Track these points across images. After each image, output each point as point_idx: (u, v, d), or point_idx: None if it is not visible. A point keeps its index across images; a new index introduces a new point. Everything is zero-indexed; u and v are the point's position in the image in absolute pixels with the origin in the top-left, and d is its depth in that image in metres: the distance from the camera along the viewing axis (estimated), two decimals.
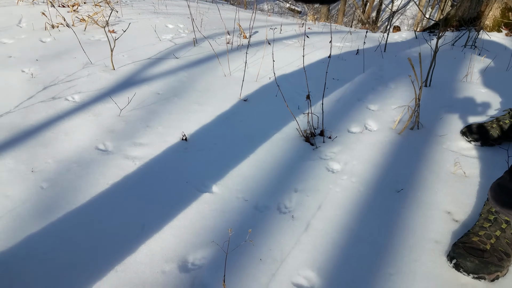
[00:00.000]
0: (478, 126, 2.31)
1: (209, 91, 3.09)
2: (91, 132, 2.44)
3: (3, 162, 2.17)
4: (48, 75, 3.20)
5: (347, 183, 2.03)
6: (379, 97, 2.96)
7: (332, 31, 5.04)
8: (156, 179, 2.09)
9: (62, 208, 1.86)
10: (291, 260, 1.62)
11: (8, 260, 1.60)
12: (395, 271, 1.57)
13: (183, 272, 1.57)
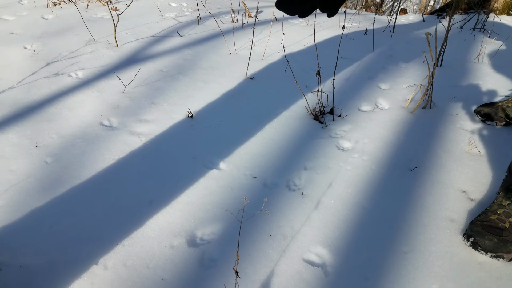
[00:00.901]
0: (493, 105, 2.25)
1: (214, 69, 3.02)
2: (96, 108, 2.39)
3: (6, 137, 2.12)
4: (51, 51, 3.13)
5: (358, 161, 1.98)
6: (389, 76, 2.88)
7: (339, 12, 4.92)
8: (163, 155, 2.04)
9: (67, 182, 1.81)
10: (301, 237, 1.58)
11: (14, 233, 1.57)
12: (409, 249, 1.53)
13: (191, 246, 1.53)
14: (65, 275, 1.40)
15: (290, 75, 2.87)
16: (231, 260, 1.48)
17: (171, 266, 1.45)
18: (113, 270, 1.42)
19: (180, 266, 1.45)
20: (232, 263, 1.47)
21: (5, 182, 1.83)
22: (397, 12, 4.51)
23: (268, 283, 1.40)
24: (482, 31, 4.17)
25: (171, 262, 1.46)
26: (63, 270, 1.42)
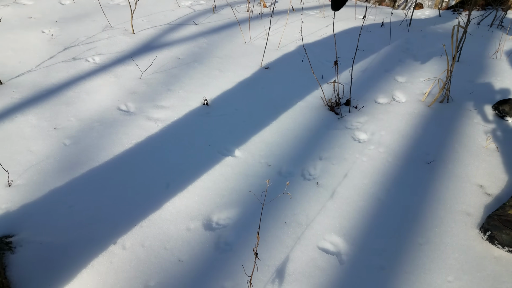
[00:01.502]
0: (511, 102, 2.22)
1: (229, 58, 3.02)
2: (113, 93, 2.41)
3: (26, 118, 2.15)
4: (68, 36, 3.16)
5: (374, 153, 1.98)
6: (406, 69, 2.86)
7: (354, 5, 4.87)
8: (179, 140, 2.06)
9: (85, 164, 1.84)
10: (316, 225, 1.59)
11: (34, 212, 1.60)
12: (425, 241, 1.53)
13: (208, 230, 1.55)
14: (84, 253, 1.43)
15: (305, 65, 2.86)
16: (246, 245, 1.49)
17: (188, 248, 1.47)
18: (131, 250, 1.44)
19: (197, 248, 1.47)
20: (247, 248, 1.48)
21: (25, 162, 1.86)
22: (414, 7, 4.46)
23: (283, 268, 1.41)
24: (500, 28, 4.10)
25: (188, 244, 1.48)
26: (82, 248, 1.44)
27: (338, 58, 2.72)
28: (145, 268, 1.38)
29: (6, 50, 2.90)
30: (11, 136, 2.03)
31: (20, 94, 2.38)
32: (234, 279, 1.37)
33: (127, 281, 1.34)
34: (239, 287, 1.34)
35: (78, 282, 1.34)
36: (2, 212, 1.61)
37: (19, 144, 1.97)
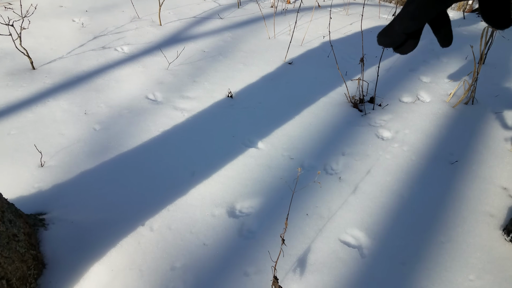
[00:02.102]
0: None
1: (253, 52, 3.05)
2: (141, 82, 2.47)
3: (58, 103, 2.23)
4: (98, 25, 3.23)
5: (398, 151, 1.98)
6: (431, 69, 2.84)
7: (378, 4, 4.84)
8: (204, 130, 2.10)
9: (115, 149, 1.90)
10: (338, 219, 1.62)
11: (65, 192, 1.66)
12: (447, 239, 1.53)
13: (231, 217, 1.59)
14: (113, 233, 1.48)
15: (328, 61, 2.87)
16: (269, 234, 1.53)
17: (213, 233, 1.51)
18: (158, 232, 1.49)
19: (221, 234, 1.51)
20: (270, 236, 1.52)
21: (56, 144, 1.94)
22: None
23: (304, 258, 1.44)
24: None
25: (212, 229, 1.53)
26: (111, 228, 1.50)
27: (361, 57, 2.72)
28: (172, 250, 1.43)
29: (39, 37, 2.99)
30: (44, 119, 2.11)
31: (52, 79, 2.46)
32: (257, 265, 1.40)
33: (154, 262, 1.39)
34: (261, 273, 1.38)
35: (107, 260, 1.39)
36: (35, 191, 1.68)
37: (51, 127, 2.05)
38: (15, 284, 1.21)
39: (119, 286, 1.31)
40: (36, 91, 2.36)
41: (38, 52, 2.79)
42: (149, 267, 1.37)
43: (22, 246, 1.27)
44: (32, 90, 2.37)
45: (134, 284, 1.32)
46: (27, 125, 2.07)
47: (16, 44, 2.55)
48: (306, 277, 1.38)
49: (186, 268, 1.38)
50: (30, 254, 1.31)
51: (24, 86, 2.40)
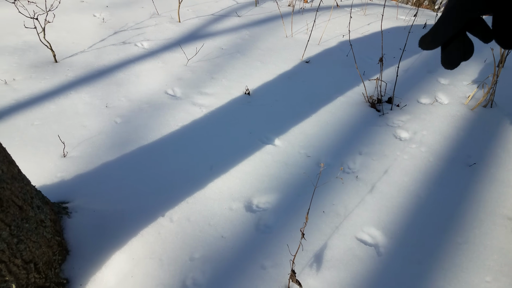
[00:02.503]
0: None
1: (271, 50, 3.07)
2: (161, 77, 2.51)
3: (80, 95, 2.28)
4: (118, 21, 3.29)
5: (416, 152, 1.99)
6: (449, 71, 2.82)
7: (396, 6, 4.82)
8: (222, 126, 2.13)
9: (135, 142, 1.94)
10: (355, 217, 1.63)
11: (87, 182, 1.71)
12: (464, 240, 1.54)
13: (249, 211, 1.61)
14: (134, 222, 1.52)
15: (346, 61, 2.88)
16: (285, 229, 1.55)
17: (230, 226, 1.53)
18: (178, 223, 1.52)
19: (238, 227, 1.54)
20: (286, 232, 1.54)
21: (78, 136, 1.98)
22: None
23: (321, 254, 1.46)
24: None
25: (230, 222, 1.55)
26: (131, 218, 1.54)
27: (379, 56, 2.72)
28: (191, 241, 1.46)
29: (61, 31, 3.05)
30: (66, 111, 2.16)
31: (74, 72, 2.52)
32: (273, 259, 1.42)
33: (173, 252, 1.42)
34: (278, 266, 1.40)
35: (128, 249, 1.43)
36: (57, 180, 1.73)
37: (74, 119, 2.10)
38: (42, 268, 1.26)
39: (140, 274, 1.35)
40: (59, 83, 2.41)
41: (60, 46, 2.85)
42: (169, 257, 1.40)
43: (49, 232, 1.31)
44: (54, 83, 2.42)
45: (154, 273, 1.35)
46: (50, 116, 2.13)
47: (40, 37, 2.61)
48: (323, 272, 1.39)
49: (205, 259, 1.41)
50: (55, 240, 1.35)
51: (47, 79, 2.46)
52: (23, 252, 1.16)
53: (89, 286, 1.33)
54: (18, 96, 2.28)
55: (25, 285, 1.20)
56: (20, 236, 1.14)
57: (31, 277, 1.21)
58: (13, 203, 1.12)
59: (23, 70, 2.54)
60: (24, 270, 1.18)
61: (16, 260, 1.14)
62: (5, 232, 1.08)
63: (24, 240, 1.17)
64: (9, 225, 1.10)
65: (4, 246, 1.08)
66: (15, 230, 1.12)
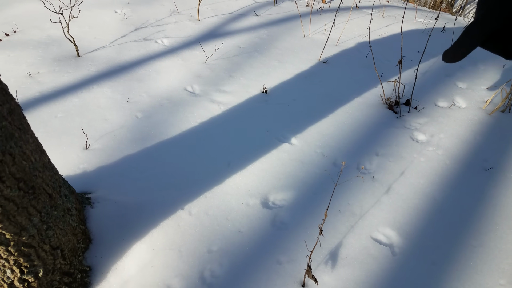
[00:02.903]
0: None
1: (288, 50, 3.09)
2: (180, 74, 2.55)
3: (102, 90, 2.33)
4: (139, 17, 3.35)
5: (432, 155, 1.99)
6: (468, 75, 2.81)
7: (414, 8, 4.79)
8: (239, 124, 2.16)
9: (155, 137, 1.99)
10: (370, 217, 1.65)
11: (109, 174, 1.76)
12: (478, 243, 1.54)
13: (265, 208, 1.65)
14: (154, 214, 1.56)
15: (363, 62, 2.88)
16: (301, 226, 1.57)
17: (247, 221, 1.57)
18: (196, 216, 1.56)
19: (255, 222, 1.57)
20: (302, 229, 1.56)
21: (100, 129, 2.04)
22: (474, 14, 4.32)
23: (336, 252, 1.48)
24: None
25: (247, 218, 1.59)
26: (152, 210, 1.58)
27: (398, 59, 2.73)
28: (209, 234, 1.50)
29: (84, 26, 3.12)
30: (88, 105, 2.22)
31: (96, 67, 2.58)
32: (289, 255, 1.45)
33: (192, 244, 1.46)
34: (293, 262, 1.43)
35: (148, 239, 1.47)
36: (80, 172, 1.79)
37: (96, 113, 2.15)
38: (67, 255, 1.31)
39: (159, 264, 1.39)
40: (81, 77, 2.48)
41: (83, 41, 2.92)
42: (188, 248, 1.44)
43: (74, 220, 1.36)
44: (77, 76, 2.49)
45: (173, 263, 1.39)
46: (73, 109, 2.19)
47: (64, 31, 2.68)
48: (338, 270, 1.42)
49: (222, 252, 1.44)
50: (80, 229, 1.40)
51: (70, 72, 2.52)
52: (51, 238, 1.21)
53: (110, 274, 1.38)
54: (42, 89, 2.35)
55: (52, 270, 1.25)
56: (49, 222, 1.19)
57: (57, 263, 1.26)
58: (44, 191, 1.17)
59: (47, 63, 2.61)
60: (51, 255, 1.23)
61: (44, 245, 1.19)
62: (36, 218, 1.13)
63: (53, 227, 1.22)
64: (40, 212, 1.15)
65: (34, 231, 1.13)
66: (45, 216, 1.17)
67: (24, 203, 1.06)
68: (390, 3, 5.14)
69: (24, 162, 1.04)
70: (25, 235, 1.09)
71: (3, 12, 3.42)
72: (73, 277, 1.33)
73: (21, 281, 1.16)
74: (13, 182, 1.00)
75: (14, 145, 0.99)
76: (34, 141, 1.16)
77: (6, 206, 0.99)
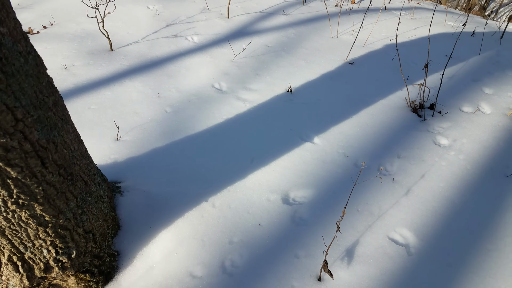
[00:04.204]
0: None
1: (315, 50, 3.12)
2: (209, 71, 2.64)
3: (133, 84, 2.44)
4: (170, 14, 3.45)
5: (454, 159, 2.00)
6: (494, 81, 2.78)
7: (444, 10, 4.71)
8: (264, 121, 2.23)
9: (183, 131, 2.08)
10: (388, 217, 1.68)
11: (138, 165, 1.86)
12: (494, 248, 1.56)
13: (285, 204, 1.71)
14: (179, 204, 1.65)
15: (390, 64, 2.89)
16: (320, 223, 1.63)
17: (267, 216, 1.64)
18: (219, 208, 1.64)
19: (275, 217, 1.64)
20: (321, 226, 1.62)
21: (131, 121, 2.14)
22: (508, 18, 4.22)
23: (352, 250, 1.53)
24: None
25: (267, 212, 1.65)
26: (178, 201, 1.67)
27: (425, 62, 2.72)
28: (231, 226, 1.57)
29: (117, 21, 3.25)
30: (120, 98, 2.33)
31: (128, 61, 2.69)
32: (307, 250, 1.51)
33: (215, 234, 1.54)
34: (311, 257, 1.49)
35: (174, 228, 1.56)
36: (111, 161, 1.89)
37: (127, 106, 2.26)
38: (98, 239, 1.41)
39: (183, 252, 1.48)
40: (114, 71, 2.60)
41: (116, 35, 3.04)
42: (210, 238, 1.52)
43: (106, 207, 1.46)
44: (110, 70, 2.61)
45: (197, 252, 1.47)
46: (106, 101, 2.30)
47: (99, 26, 2.80)
48: (353, 266, 1.47)
49: (243, 243, 1.52)
50: (110, 215, 1.50)
51: (103, 66, 2.65)
52: (84, 222, 1.31)
53: (137, 259, 1.47)
54: (77, 81, 2.47)
55: (83, 252, 1.35)
56: (83, 207, 1.29)
57: (89, 246, 1.36)
58: (81, 178, 1.27)
59: (81, 56, 2.74)
60: (84, 239, 1.33)
61: (78, 229, 1.29)
62: (72, 203, 1.23)
63: (86, 212, 1.31)
64: (76, 197, 1.24)
65: (70, 215, 1.23)
66: (80, 202, 1.27)
67: (63, 188, 1.16)
68: (420, 4, 5.08)
69: (65, 150, 1.14)
70: (62, 218, 1.19)
71: (42, 5, 3.60)
72: (102, 260, 1.43)
73: (56, 261, 1.26)
74: (54, 168, 1.09)
75: (57, 134, 1.08)
76: (73, 131, 1.26)
77: (47, 190, 1.09)
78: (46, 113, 1.01)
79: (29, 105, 0.92)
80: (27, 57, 0.92)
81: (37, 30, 3.08)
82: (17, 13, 3.38)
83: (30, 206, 1.04)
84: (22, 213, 1.04)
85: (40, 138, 0.98)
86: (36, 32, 3.04)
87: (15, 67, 0.86)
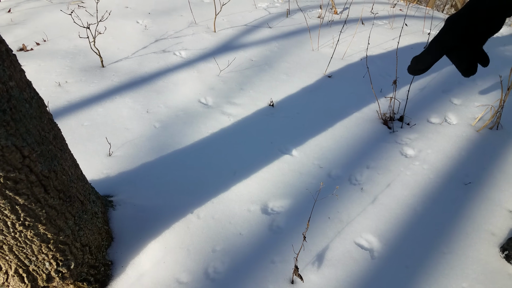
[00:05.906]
0: None
1: (296, 64, 3.31)
2: (195, 86, 2.81)
3: (124, 100, 2.61)
4: (159, 29, 3.62)
5: (418, 169, 2.20)
6: (464, 91, 2.99)
7: (426, 16, 4.91)
8: (246, 135, 2.40)
9: (171, 146, 2.25)
10: (355, 224, 1.87)
11: (129, 179, 2.03)
12: (449, 251, 1.76)
13: (264, 214, 1.89)
14: (167, 216, 1.82)
15: (366, 77, 3.08)
16: (295, 231, 1.81)
17: (247, 226, 1.82)
18: (204, 219, 1.82)
19: (254, 227, 1.82)
20: (295, 233, 1.80)
21: (122, 137, 2.31)
22: None
23: (322, 255, 1.72)
24: None
25: (247, 222, 1.83)
26: (166, 213, 1.84)
27: (399, 74, 2.92)
28: (214, 236, 1.75)
29: (107, 36, 3.41)
30: (112, 115, 2.49)
31: (119, 78, 2.85)
32: (282, 256, 1.70)
33: (199, 244, 1.71)
34: (285, 262, 1.67)
35: (162, 239, 1.73)
36: (104, 176, 2.06)
37: (118, 122, 2.43)
38: (94, 251, 1.57)
39: (170, 261, 1.65)
40: (106, 88, 2.76)
41: (107, 51, 3.20)
42: (195, 247, 1.70)
43: (100, 222, 1.63)
44: (102, 87, 2.76)
45: (183, 260, 1.65)
46: (98, 118, 2.46)
47: (91, 45, 2.96)
48: (323, 270, 1.65)
49: (225, 251, 1.70)
50: (104, 229, 1.67)
51: (95, 83, 2.80)
52: (82, 237, 1.48)
53: (128, 268, 1.64)
54: (70, 98, 2.63)
55: (81, 263, 1.51)
56: (80, 224, 1.46)
57: (86, 258, 1.53)
58: (77, 198, 1.44)
59: (74, 73, 2.90)
60: (81, 251, 1.50)
61: (76, 243, 1.46)
62: (71, 221, 1.40)
63: (83, 228, 1.48)
64: (74, 216, 1.41)
65: (69, 232, 1.40)
66: (77, 219, 1.44)
67: (63, 209, 1.33)
68: (402, 11, 5.26)
69: (63, 177, 1.31)
70: (62, 235, 1.36)
71: (35, 21, 3.74)
72: (98, 270, 1.59)
73: (57, 272, 1.42)
74: (55, 193, 1.26)
75: (57, 163, 1.25)
76: (70, 158, 1.43)
77: (49, 212, 1.25)
78: (47, 147, 1.17)
79: (33, 142, 1.08)
80: (31, 101, 1.09)
81: (30, 47, 3.23)
82: (11, 30, 3.52)
83: (35, 226, 1.21)
84: (28, 233, 1.21)
85: (43, 169, 1.14)
86: (30, 49, 3.19)
87: (22, 113, 1.03)
